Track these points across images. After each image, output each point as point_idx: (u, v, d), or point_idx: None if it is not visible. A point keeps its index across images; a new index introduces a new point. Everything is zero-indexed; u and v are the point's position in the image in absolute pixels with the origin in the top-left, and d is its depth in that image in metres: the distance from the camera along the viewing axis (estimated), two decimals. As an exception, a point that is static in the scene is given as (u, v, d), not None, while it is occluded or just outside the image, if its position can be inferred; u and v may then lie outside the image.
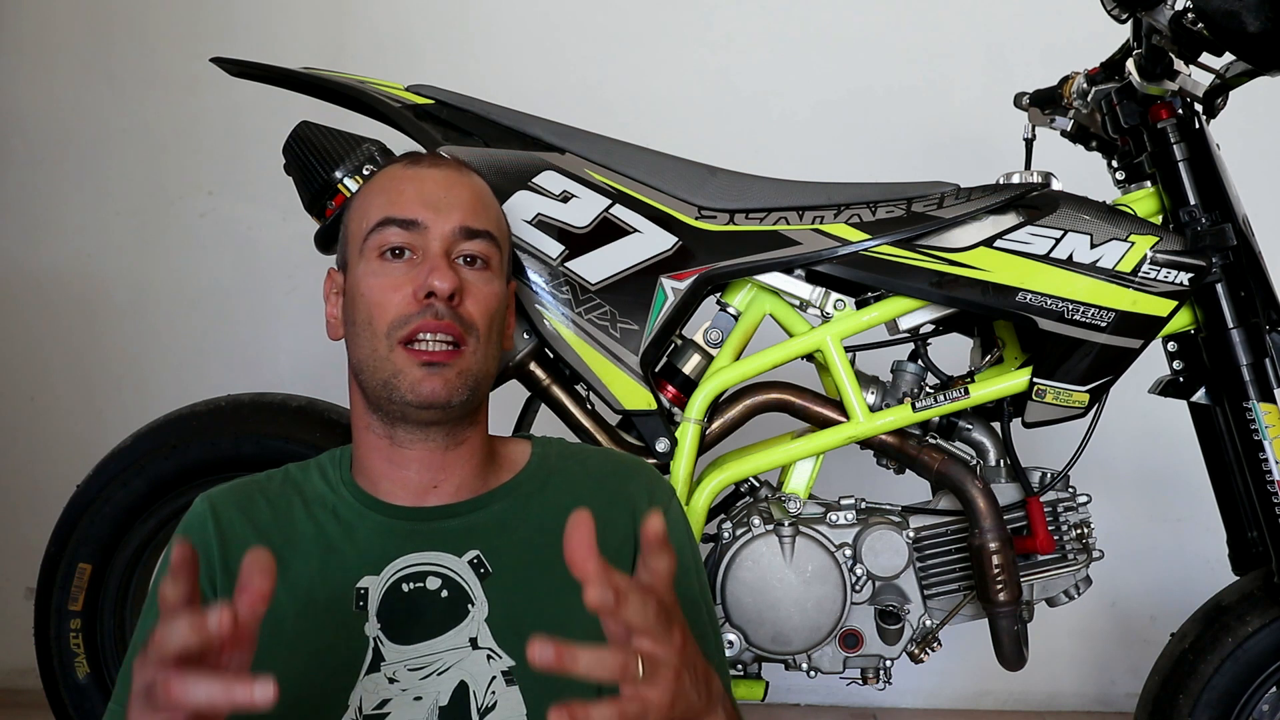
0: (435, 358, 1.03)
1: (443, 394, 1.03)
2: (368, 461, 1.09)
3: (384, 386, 1.04)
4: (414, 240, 1.06)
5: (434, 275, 1.03)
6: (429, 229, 1.06)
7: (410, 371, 1.03)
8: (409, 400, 1.03)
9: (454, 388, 1.04)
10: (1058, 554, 1.49)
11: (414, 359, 1.03)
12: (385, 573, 1.04)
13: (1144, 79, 1.47)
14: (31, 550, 1.65)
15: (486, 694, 1.01)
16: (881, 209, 1.46)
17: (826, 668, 1.48)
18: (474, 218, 1.09)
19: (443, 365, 1.03)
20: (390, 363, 1.03)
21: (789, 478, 1.53)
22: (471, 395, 1.06)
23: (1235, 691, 1.45)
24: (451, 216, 1.07)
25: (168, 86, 2.55)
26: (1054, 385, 1.44)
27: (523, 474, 1.13)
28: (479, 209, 1.10)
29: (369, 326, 1.05)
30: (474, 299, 1.06)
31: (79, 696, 1.53)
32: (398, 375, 1.03)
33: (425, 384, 1.03)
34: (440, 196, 1.08)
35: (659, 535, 0.76)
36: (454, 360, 1.04)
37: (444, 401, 1.03)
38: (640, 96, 2.52)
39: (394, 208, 1.07)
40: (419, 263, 1.06)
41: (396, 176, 1.11)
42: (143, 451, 1.52)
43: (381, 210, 1.07)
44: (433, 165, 1.12)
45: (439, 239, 1.06)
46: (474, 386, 1.06)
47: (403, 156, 1.18)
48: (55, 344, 2.56)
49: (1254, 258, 1.47)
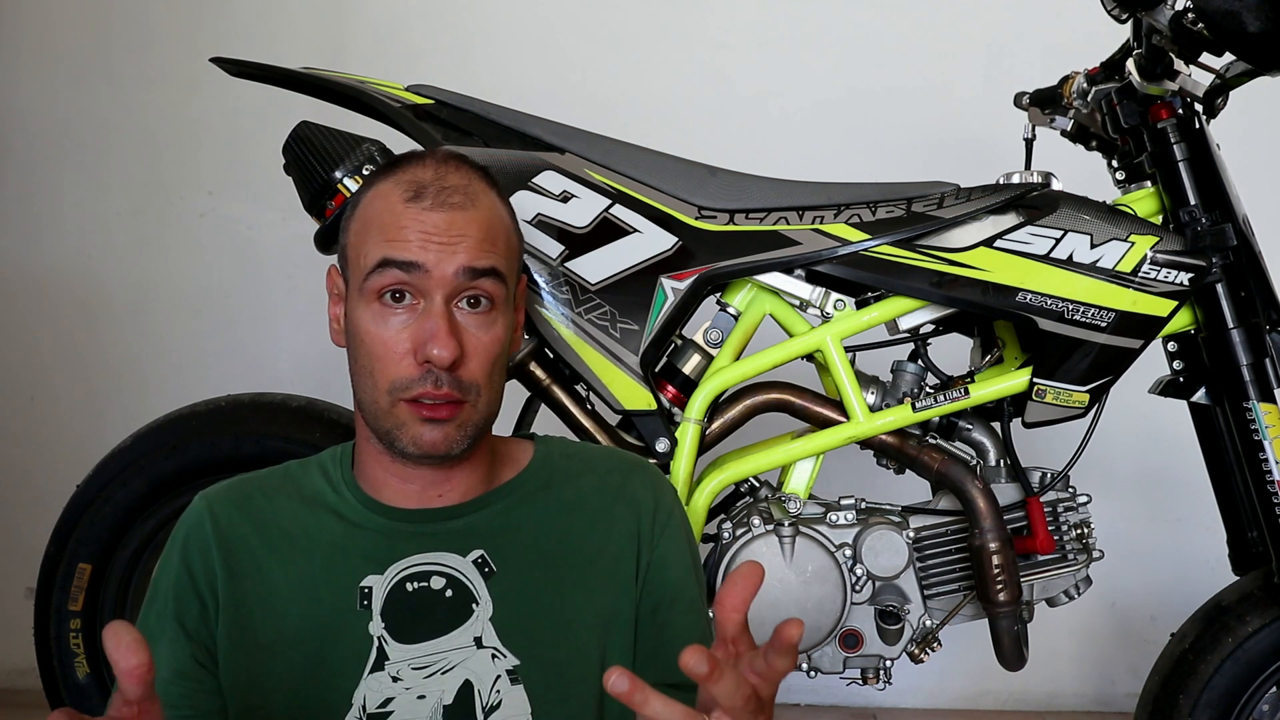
0: (437, 414, 1.02)
1: (443, 447, 1.03)
2: (370, 467, 1.09)
3: (385, 435, 1.04)
4: (414, 282, 1.01)
5: (434, 343, 1.00)
6: (430, 273, 1.01)
7: (412, 426, 1.02)
8: (410, 452, 1.03)
9: (453, 440, 1.03)
10: (1058, 554, 1.49)
11: (416, 414, 1.02)
12: (389, 572, 1.04)
13: (1144, 79, 1.46)
14: (31, 550, 1.65)
15: (491, 693, 1.01)
16: (881, 209, 1.46)
17: (826, 668, 1.48)
18: (478, 255, 1.02)
19: (445, 421, 1.02)
20: (393, 416, 1.03)
21: (789, 478, 1.53)
22: (473, 444, 1.05)
23: (1235, 691, 1.45)
24: (455, 258, 1.01)
25: (167, 86, 2.55)
26: (1054, 385, 1.44)
27: (525, 473, 1.13)
28: (484, 243, 1.04)
29: (370, 378, 1.03)
30: (475, 357, 1.03)
31: (79, 696, 1.54)
32: (400, 428, 1.03)
33: (426, 437, 1.02)
34: (444, 237, 1.02)
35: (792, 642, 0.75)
36: (455, 415, 1.03)
37: (444, 453, 1.03)
38: (640, 96, 2.52)
39: (393, 248, 1.01)
40: (420, 311, 1.02)
41: (397, 212, 1.03)
42: (143, 451, 1.52)
43: (380, 250, 1.02)
44: (435, 206, 1.03)
45: (440, 286, 1.01)
46: (475, 435, 1.05)
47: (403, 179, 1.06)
48: (55, 344, 2.56)
49: (1254, 258, 1.47)
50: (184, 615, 1.03)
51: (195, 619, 1.03)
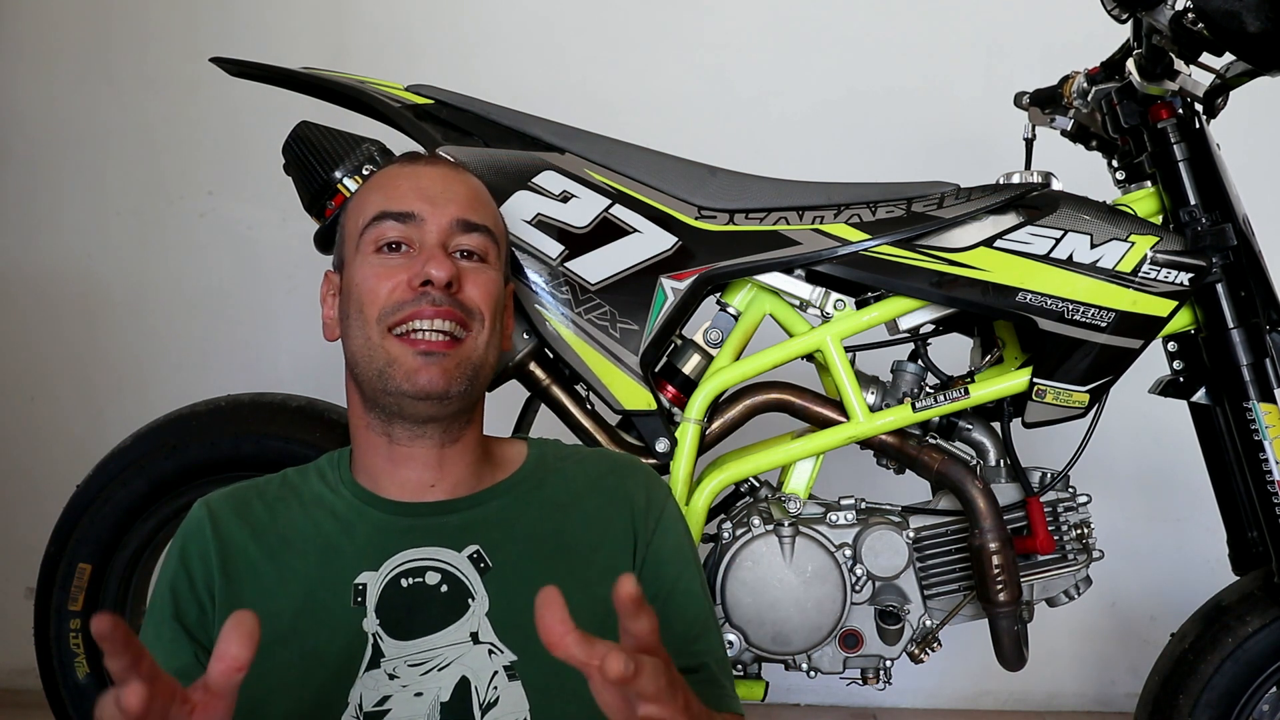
0: (433, 347, 1.02)
1: (440, 384, 1.02)
2: (366, 459, 1.09)
3: (378, 377, 1.03)
4: (410, 234, 1.06)
5: (431, 264, 1.03)
6: (425, 222, 1.06)
7: (406, 360, 1.02)
8: (405, 390, 1.02)
9: (452, 377, 1.02)
10: (1058, 554, 1.49)
11: (410, 348, 1.02)
12: (384, 568, 1.04)
13: (1144, 79, 1.46)
14: (31, 550, 1.65)
15: (488, 689, 1.01)
16: (881, 209, 1.46)
17: (826, 668, 1.48)
18: (471, 211, 1.09)
19: (441, 355, 1.02)
20: (384, 350, 1.02)
21: (789, 478, 1.53)
22: (470, 386, 1.05)
23: (1235, 691, 1.45)
24: (448, 210, 1.07)
25: (167, 86, 2.55)
26: (1054, 385, 1.44)
27: (520, 472, 1.13)
28: (476, 204, 1.11)
29: (360, 314, 1.04)
30: (474, 285, 1.07)
31: (79, 696, 1.53)
32: (392, 364, 1.02)
33: (422, 374, 1.01)
34: (437, 191, 1.08)
35: (634, 597, 0.70)
36: (453, 350, 1.03)
37: (441, 392, 1.02)
38: (640, 96, 2.52)
39: (390, 202, 1.07)
40: (415, 255, 1.06)
41: (392, 174, 1.11)
42: (143, 451, 1.52)
43: (377, 205, 1.08)
44: (429, 163, 1.13)
45: (435, 231, 1.06)
46: (472, 376, 1.05)
47: (400, 157, 1.19)
48: (55, 344, 2.56)
49: (1254, 258, 1.47)
50: (185, 616, 1.04)
51: (195, 621, 1.03)
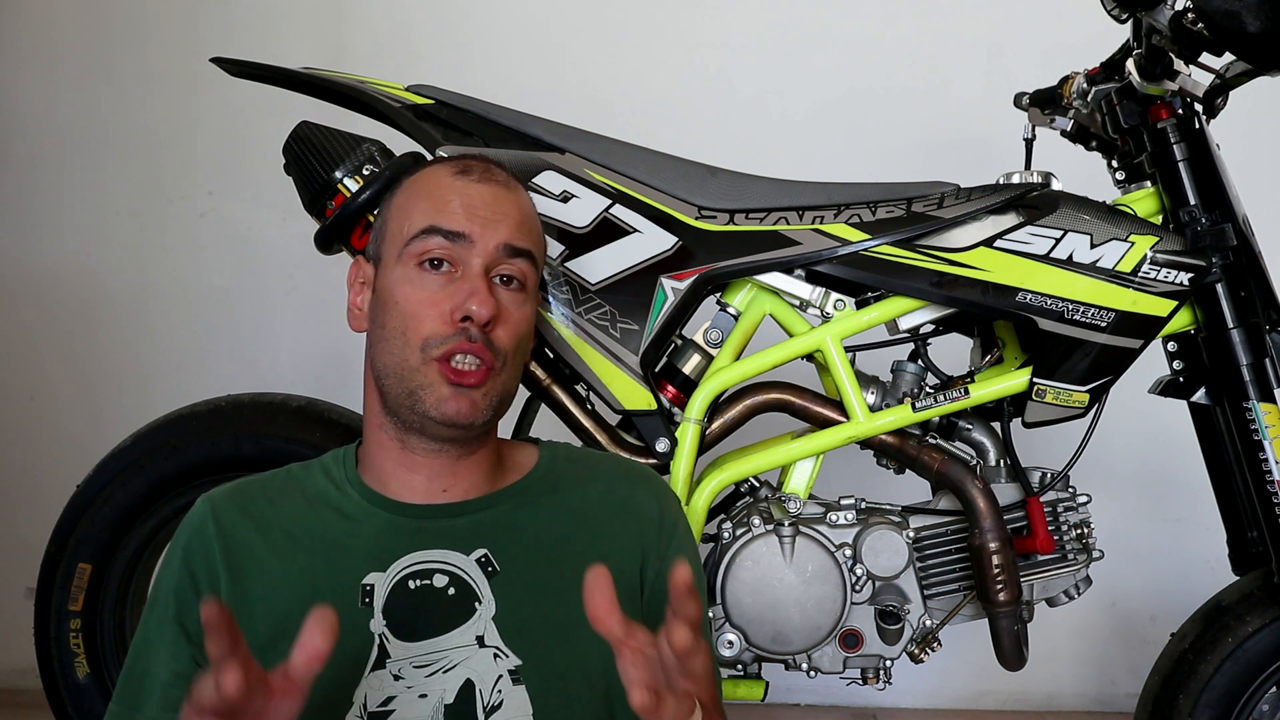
0: (466, 379, 1.03)
1: (467, 415, 1.03)
2: (377, 459, 1.09)
3: (409, 395, 1.04)
4: (456, 253, 1.05)
5: (473, 299, 1.03)
6: (474, 244, 1.06)
7: (439, 388, 1.03)
8: (432, 416, 1.03)
9: (479, 409, 1.04)
10: (1058, 554, 1.49)
11: (446, 376, 1.03)
12: (391, 570, 1.04)
13: (1144, 79, 1.46)
14: (31, 550, 1.65)
15: (493, 693, 1.01)
16: (881, 209, 1.46)
17: (826, 668, 1.48)
18: (518, 236, 1.08)
19: (472, 388, 1.03)
20: (421, 374, 1.03)
21: (789, 478, 1.53)
22: (493, 417, 1.06)
23: (1235, 691, 1.45)
24: (498, 233, 1.07)
25: (167, 86, 2.55)
26: (1054, 385, 1.44)
27: (530, 476, 1.13)
28: (523, 227, 1.10)
29: (401, 336, 1.05)
30: (506, 326, 1.06)
31: (79, 696, 1.53)
32: (426, 389, 1.03)
33: (451, 403, 1.03)
34: (488, 212, 1.07)
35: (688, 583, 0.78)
36: (484, 383, 1.04)
37: (468, 422, 1.04)
38: (640, 96, 2.52)
39: (440, 217, 1.06)
40: (458, 278, 1.05)
41: (445, 185, 1.09)
42: (143, 451, 1.52)
43: (427, 217, 1.07)
44: (482, 179, 1.10)
45: (481, 255, 1.06)
46: (497, 408, 1.06)
47: (452, 160, 1.15)
48: (54, 344, 2.56)
49: (1254, 258, 1.47)
50: (185, 618, 1.03)
51: (196, 621, 1.03)
